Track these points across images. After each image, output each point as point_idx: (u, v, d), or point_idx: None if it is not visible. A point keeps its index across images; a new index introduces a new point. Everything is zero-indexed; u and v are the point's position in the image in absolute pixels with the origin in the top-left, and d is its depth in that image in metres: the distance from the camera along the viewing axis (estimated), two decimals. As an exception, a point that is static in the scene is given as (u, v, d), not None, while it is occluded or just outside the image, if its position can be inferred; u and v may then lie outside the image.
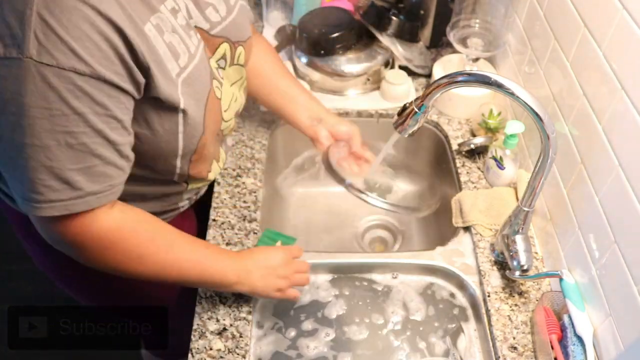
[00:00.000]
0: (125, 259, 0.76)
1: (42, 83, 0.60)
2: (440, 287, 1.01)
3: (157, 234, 0.79)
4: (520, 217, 0.89)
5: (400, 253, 1.07)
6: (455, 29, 1.20)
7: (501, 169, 1.07)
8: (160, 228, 0.80)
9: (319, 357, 0.93)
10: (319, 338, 0.95)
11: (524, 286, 0.95)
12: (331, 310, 0.99)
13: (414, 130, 0.89)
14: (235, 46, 0.89)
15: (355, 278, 1.02)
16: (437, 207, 1.07)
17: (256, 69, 1.04)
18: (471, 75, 0.79)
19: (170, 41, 0.72)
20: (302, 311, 0.98)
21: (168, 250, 0.79)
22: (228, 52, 0.87)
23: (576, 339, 0.81)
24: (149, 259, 0.77)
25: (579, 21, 0.85)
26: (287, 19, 1.45)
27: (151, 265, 0.78)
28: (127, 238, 0.75)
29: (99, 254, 0.74)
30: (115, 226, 0.73)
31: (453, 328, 0.97)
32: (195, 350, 0.87)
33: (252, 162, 1.15)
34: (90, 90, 0.62)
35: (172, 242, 0.80)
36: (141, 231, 0.77)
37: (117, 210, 0.74)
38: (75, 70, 0.61)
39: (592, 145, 0.81)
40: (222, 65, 0.88)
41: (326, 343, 0.95)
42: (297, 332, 0.95)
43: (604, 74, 0.77)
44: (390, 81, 1.26)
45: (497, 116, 1.14)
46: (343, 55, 1.25)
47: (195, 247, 0.83)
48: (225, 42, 0.86)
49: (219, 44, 0.85)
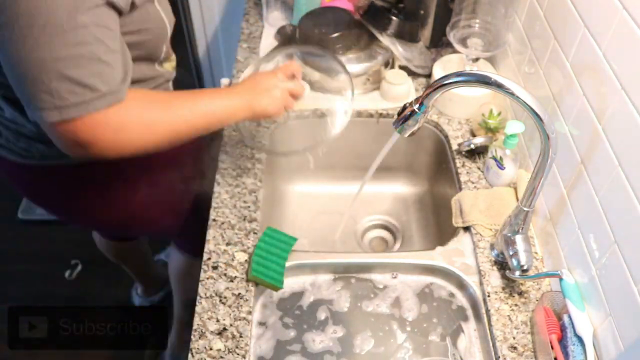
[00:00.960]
0: (137, 135, 0.81)
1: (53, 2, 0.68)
2: (440, 287, 1.01)
3: (171, 97, 0.87)
4: (520, 217, 0.89)
5: (400, 253, 1.07)
6: (455, 29, 1.20)
7: (501, 169, 1.07)
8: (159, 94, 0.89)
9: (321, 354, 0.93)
10: (319, 337, 0.95)
11: (524, 286, 0.95)
12: (331, 311, 0.99)
13: (414, 130, 0.89)
14: None
15: (355, 278, 1.02)
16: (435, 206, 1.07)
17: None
18: (471, 75, 0.79)
19: None
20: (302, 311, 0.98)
21: (174, 111, 0.84)
22: None
23: (576, 339, 0.81)
24: (166, 119, 0.83)
25: (579, 21, 0.85)
26: (287, 19, 1.45)
27: (162, 130, 0.83)
28: (133, 114, 0.80)
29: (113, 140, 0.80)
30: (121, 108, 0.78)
31: (453, 328, 0.97)
32: (195, 350, 0.87)
33: (252, 162, 1.15)
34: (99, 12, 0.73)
35: (174, 101, 0.86)
36: (144, 103, 0.82)
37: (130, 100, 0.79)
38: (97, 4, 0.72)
39: (592, 145, 0.81)
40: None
41: (327, 343, 0.95)
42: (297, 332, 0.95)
43: (604, 74, 0.77)
44: (390, 81, 1.26)
45: (497, 116, 1.14)
46: (343, 55, 1.25)
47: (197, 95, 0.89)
48: None
49: None
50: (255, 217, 1.05)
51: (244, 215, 1.05)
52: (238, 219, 1.05)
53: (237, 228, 1.03)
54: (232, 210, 1.06)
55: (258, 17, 1.48)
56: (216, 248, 1.00)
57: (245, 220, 1.04)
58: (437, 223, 1.26)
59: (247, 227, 1.03)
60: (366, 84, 1.29)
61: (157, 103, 0.84)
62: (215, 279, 0.95)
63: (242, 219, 1.04)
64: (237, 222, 1.04)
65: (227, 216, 1.05)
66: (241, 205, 1.07)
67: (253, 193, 1.09)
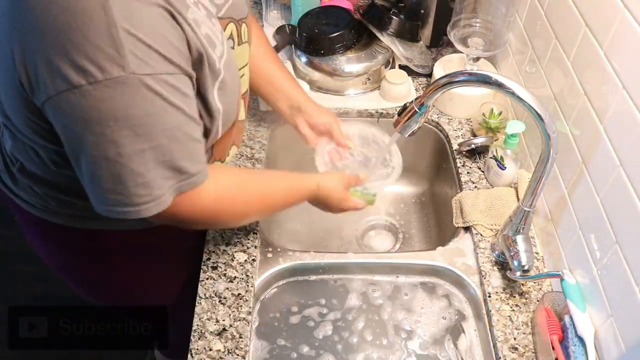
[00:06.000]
0: (230, 220, 0.89)
1: (147, 91, 0.64)
2: (440, 287, 1.01)
3: (250, 190, 0.88)
4: (521, 217, 0.89)
5: (400, 253, 1.07)
6: (455, 28, 1.20)
7: (502, 168, 1.06)
8: (249, 182, 0.90)
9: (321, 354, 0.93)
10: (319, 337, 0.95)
11: (525, 286, 0.95)
12: (331, 311, 0.98)
13: (414, 130, 0.89)
14: (239, 24, 0.90)
15: (356, 279, 1.02)
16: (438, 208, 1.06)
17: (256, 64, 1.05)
18: (472, 75, 0.79)
19: (206, 32, 0.75)
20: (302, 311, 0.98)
21: (262, 200, 0.90)
22: (235, 32, 0.89)
23: (577, 339, 0.81)
24: (250, 214, 0.90)
25: (580, 20, 0.84)
26: (286, 18, 1.45)
27: (253, 215, 0.94)
28: (228, 205, 0.84)
29: (206, 223, 0.88)
30: (214, 197, 0.79)
31: (453, 328, 0.96)
32: (195, 350, 0.87)
33: (252, 162, 1.15)
34: (179, 85, 0.68)
35: (263, 190, 0.91)
36: (237, 194, 0.86)
37: (211, 181, 0.78)
38: (167, 72, 0.66)
39: (593, 145, 0.81)
40: (230, 46, 0.89)
41: (326, 343, 0.94)
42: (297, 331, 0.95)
43: (605, 73, 0.77)
44: (391, 81, 1.25)
45: (498, 116, 1.14)
46: (343, 55, 1.25)
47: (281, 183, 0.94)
48: (230, 22, 0.87)
49: (225, 25, 0.86)
50: (255, 217, 1.05)
51: (243, 215, 1.05)
52: (238, 219, 1.04)
53: (237, 228, 1.03)
54: (232, 210, 1.06)
55: (257, 17, 1.48)
56: (216, 248, 1.00)
57: (245, 221, 1.04)
58: (438, 223, 1.26)
59: (247, 227, 1.03)
60: (366, 83, 1.29)
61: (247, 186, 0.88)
62: (215, 280, 0.95)
63: (242, 219, 1.04)
64: (237, 222, 1.04)
65: (227, 216, 1.05)
66: (241, 205, 1.07)
67: (253, 193, 1.09)
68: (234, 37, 0.88)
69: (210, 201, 0.79)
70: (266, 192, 0.91)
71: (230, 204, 0.84)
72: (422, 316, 0.98)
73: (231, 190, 0.85)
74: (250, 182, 0.90)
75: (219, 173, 0.82)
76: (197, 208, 0.78)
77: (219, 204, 0.81)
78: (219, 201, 0.81)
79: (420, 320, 0.98)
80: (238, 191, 0.86)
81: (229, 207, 0.84)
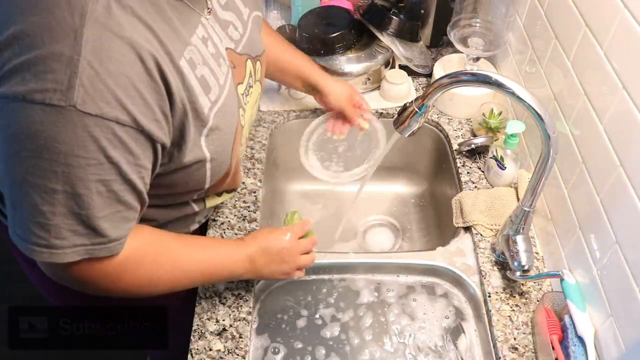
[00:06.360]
0: (135, 287, 0.75)
1: (83, 132, 0.58)
2: (440, 287, 1.01)
3: (161, 256, 0.77)
4: (521, 217, 0.89)
5: (400, 253, 1.07)
6: (455, 28, 1.20)
7: (502, 168, 1.06)
8: (162, 246, 0.78)
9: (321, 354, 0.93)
10: (319, 337, 0.95)
11: (525, 286, 0.95)
12: (331, 311, 0.98)
13: (414, 130, 0.89)
14: (254, 62, 0.88)
15: (356, 278, 1.02)
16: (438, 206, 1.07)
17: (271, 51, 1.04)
18: (472, 75, 0.79)
19: (202, 74, 0.70)
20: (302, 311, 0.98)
21: (175, 267, 0.78)
22: (252, 70, 0.86)
23: (577, 339, 0.81)
24: (158, 281, 0.77)
25: (580, 20, 0.84)
26: (286, 18, 1.44)
27: (162, 285, 0.78)
28: (134, 269, 0.73)
29: (107, 288, 0.73)
30: (120, 258, 0.71)
31: (453, 328, 0.96)
32: (195, 350, 0.87)
33: (252, 162, 1.15)
34: (127, 140, 0.61)
35: (177, 257, 0.79)
36: (146, 259, 0.75)
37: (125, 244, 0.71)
38: (118, 121, 0.59)
39: (593, 145, 0.81)
40: (251, 84, 0.86)
41: (326, 343, 0.94)
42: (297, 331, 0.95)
43: (605, 73, 0.77)
44: (391, 81, 1.25)
45: (498, 116, 1.14)
46: (343, 55, 1.25)
47: (201, 254, 0.82)
48: (248, 59, 0.85)
49: (245, 61, 0.83)
50: (255, 217, 1.05)
51: (243, 215, 1.05)
52: (238, 219, 1.04)
53: (237, 228, 1.03)
54: (232, 210, 1.06)
55: (258, 17, 1.48)
56: (216, 248, 0.99)
57: (245, 220, 1.04)
58: (438, 223, 1.26)
59: (247, 227, 1.03)
60: (366, 83, 1.29)
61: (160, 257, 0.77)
62: (215, 279, 0.95)
63: (242, 219, 1.04)
64: (237, 222, 1.04)
65: (227, 216, 1.05)
66: (241, 205, 1.07)
67: (253, 193, 1.09)
68: (253, 75, 0.86)
69: (114, 265, 0.70)
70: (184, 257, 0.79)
71: (134, 269, 0.73)
72: (421, 316, 0.98)
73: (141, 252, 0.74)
74: (167, 245, 0.79)
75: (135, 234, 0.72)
76: (97, 272, 0.69)
77: (122, 268, 0.71)
78: (123, 265, 0.71)
79: (419, 320, 0.98)
80: (148, 255, 0.75)
81: (135, 272, 0.74)
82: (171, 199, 0.82)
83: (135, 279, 0.74)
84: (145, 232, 0.76)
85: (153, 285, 0.77)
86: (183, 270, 0.79)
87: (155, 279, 0.76)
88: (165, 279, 0.78)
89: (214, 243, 0.88)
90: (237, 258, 0.84)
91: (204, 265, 0.81)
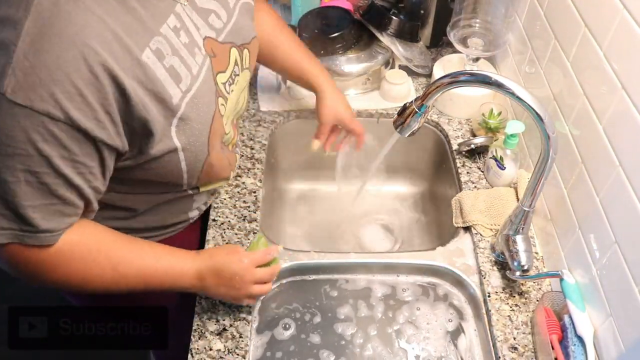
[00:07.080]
0: (69, 281, 0.74)
1: (11, 121, 0.57)
2: (440, 287, 1.01)
3: (102, 254, 0.75)
4: (520, 217, 0.89)
5: (400, 253, 1.07)
6: (455, 28, 1.20)
7: (501, 168, 1.07)
8: (105, 245, 0.76)
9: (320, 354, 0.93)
10: (318, 337, 0.95)
11: (525, 286, 0.95)
12: (331, 311, 0.98)
13: (414, 130, 0.89)
14: (241, 49, 0.87)
15: (356, 278, 1.02)
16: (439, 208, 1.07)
17: (270, 39, 1.04)
18: (472, 75, 0.79)
19: (172, 64, 0.69)
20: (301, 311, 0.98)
21: (115, 268, 0.75)
22: (238, 58, 0.85)
23: (577, 339, 0.81)
24: (94, 279, 0.75)
25: (580, 21, 0.84)
26: (286, 18, 1.45)
27: (98, 283, 0.75)
28: (67, 263, 0.71)
29: (41, 277, 0.72)
30: (55, 249, 0.69)
31: (453, 328, 0.97)
32: (195, 350, 0.87)
33: (252, 162, 1.15)
34: (61, 135, 0.60)
35: (120, 258, 0.76)
36: (84, 254, 0.73)
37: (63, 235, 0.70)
38: (49, 115, 0.58)
39: (593, 145, 0.81)
40: (237, 72, 0.85)
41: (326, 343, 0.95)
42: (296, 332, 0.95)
43: (604, 73, 0.77)
44: (391, 81, 1.26)
45: (498, 116, 1.14)
46: (343, 55, 1.25)
47: (145, 258, 0.79)
48: (232, 47, 0.84)
49: (228, 50, 0.83)
50: (255, 217, 1.05)
51: (243, 215, 1.05)
52: (238, 219, 1.04)
53: (237, 228, 1.03)
54: (232, 210, 1.06)
55: (258, 17, 1.48)
56: (216, 248, 1.00)
57: (245, 220, 1.04)
58: (438, 223, 1.26)
59: (247, 227, 1.03)
60: (366, 83, 1.29)
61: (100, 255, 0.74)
62: (215, 279, 0.95)
63: (242, 219, 1.04)
64: (237, 222, 1.04)
65: (227, 216, 1.05)
66: (241, 205, 1.07)
67: (253, 193, 1.09)
68: (239, 64, 0.85)
69: (47, 256, 0.69)
70: (127, 259, 0.77)
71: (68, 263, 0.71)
72: (421, 316, 0.98)
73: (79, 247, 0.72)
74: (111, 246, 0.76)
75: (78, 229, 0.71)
76: (29, 260, 0.68)
77: (56, 259, 0.70)
78: (57, 256, 0.70)
79: (419, 320, 0.98)
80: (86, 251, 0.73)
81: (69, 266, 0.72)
82: (155, 188, 0.81)
83: (70, 272, 0.72)
84: (90, 229, 0.74)
85: (88, 282, 0.74)
86: (122, 273, 0.76)
87: (90, 277, 0.74)
88: (103, 278, 0.75)
89: (163, 250, 0.82)
90: (185, 271, 0.81)
91: (146, 270, 0.79)
